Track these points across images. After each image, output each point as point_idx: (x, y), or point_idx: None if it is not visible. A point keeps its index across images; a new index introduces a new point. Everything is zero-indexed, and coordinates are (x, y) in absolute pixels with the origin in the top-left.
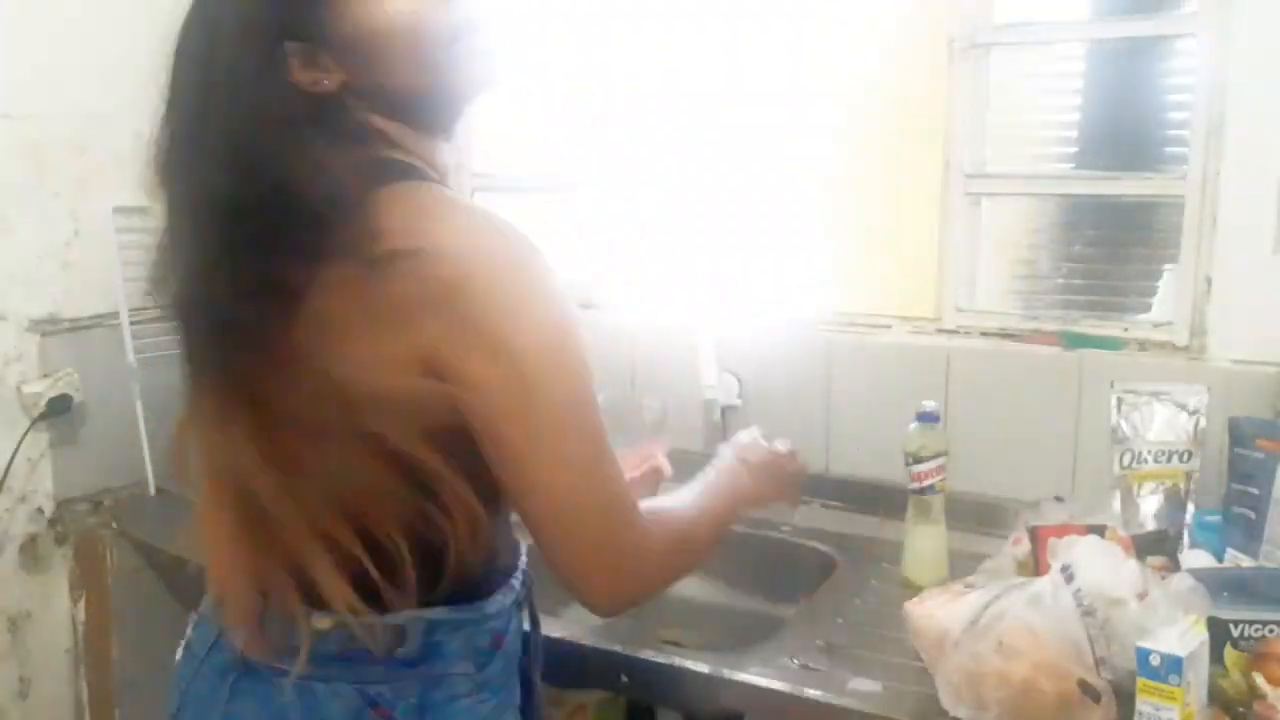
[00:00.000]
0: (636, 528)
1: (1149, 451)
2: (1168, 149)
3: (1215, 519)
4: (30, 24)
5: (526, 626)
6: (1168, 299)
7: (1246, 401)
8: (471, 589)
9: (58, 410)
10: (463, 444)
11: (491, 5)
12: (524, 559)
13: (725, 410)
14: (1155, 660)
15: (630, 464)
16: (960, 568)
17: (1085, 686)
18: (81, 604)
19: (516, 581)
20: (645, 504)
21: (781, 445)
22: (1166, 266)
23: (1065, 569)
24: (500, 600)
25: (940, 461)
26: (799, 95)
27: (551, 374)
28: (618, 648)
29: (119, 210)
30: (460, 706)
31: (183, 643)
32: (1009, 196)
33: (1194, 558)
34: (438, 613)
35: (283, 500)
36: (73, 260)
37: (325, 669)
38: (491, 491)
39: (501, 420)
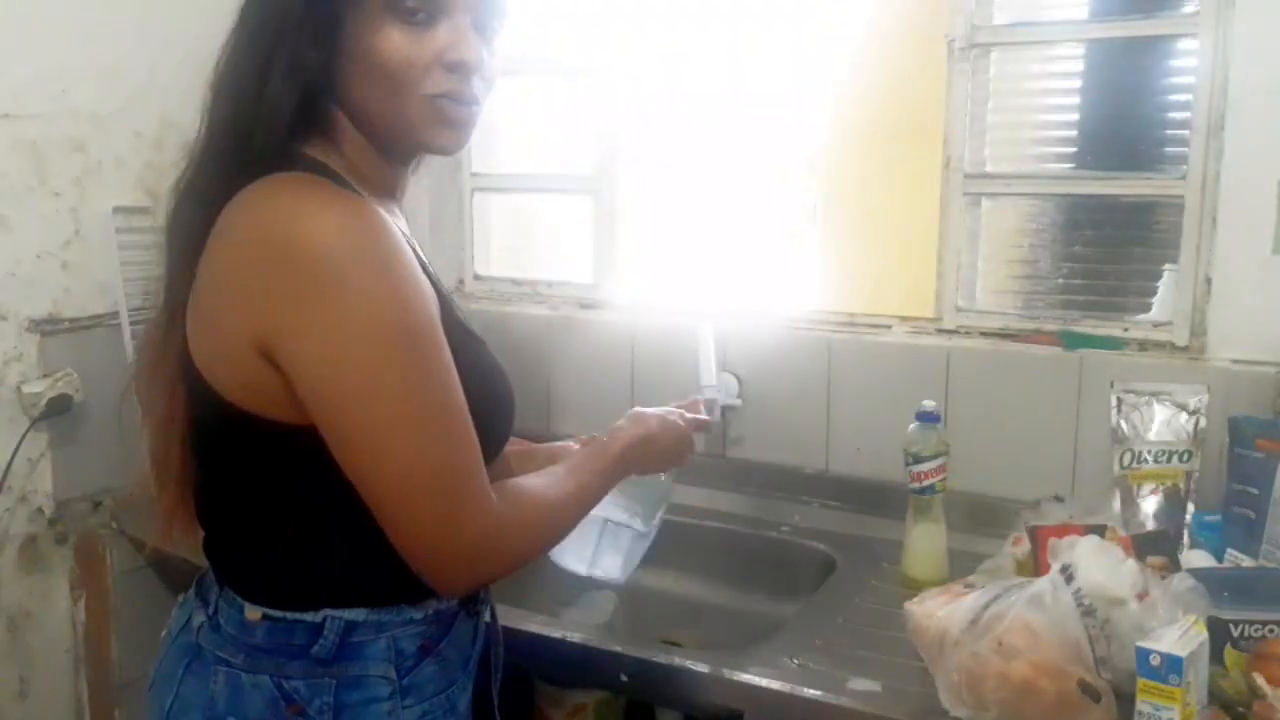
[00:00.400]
0: (483, 508)
1: (1149, 451)
2: (1168, 149)
3: (1215, 519)
4: (30, 24)
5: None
6: (1168, 299)
7: (1246, 401)
8: (391, 590)
9: (58, 410)
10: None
11: (475, 82)
12: None
13: (725, 410)
14: (1155, 660)
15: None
16: (960, 568)
17: (1085, 686)
18: (81, 604)
19: None
20: (510, 481)
21: (677, 407)
22: (1166, 266)
23: (1065, 569)
24: (433, 605)
25: (940, 461)
26: (799, 95)
27: (376, 354)
28: (618, 648)
29: (119, 210)
30: (379, 710)
31: (167, 625)
32: (1009, 196)
33: (1194, 558)
34: (357, 613)
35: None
36: (73, 260)
37: (253, 659)
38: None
39: (326, 404)
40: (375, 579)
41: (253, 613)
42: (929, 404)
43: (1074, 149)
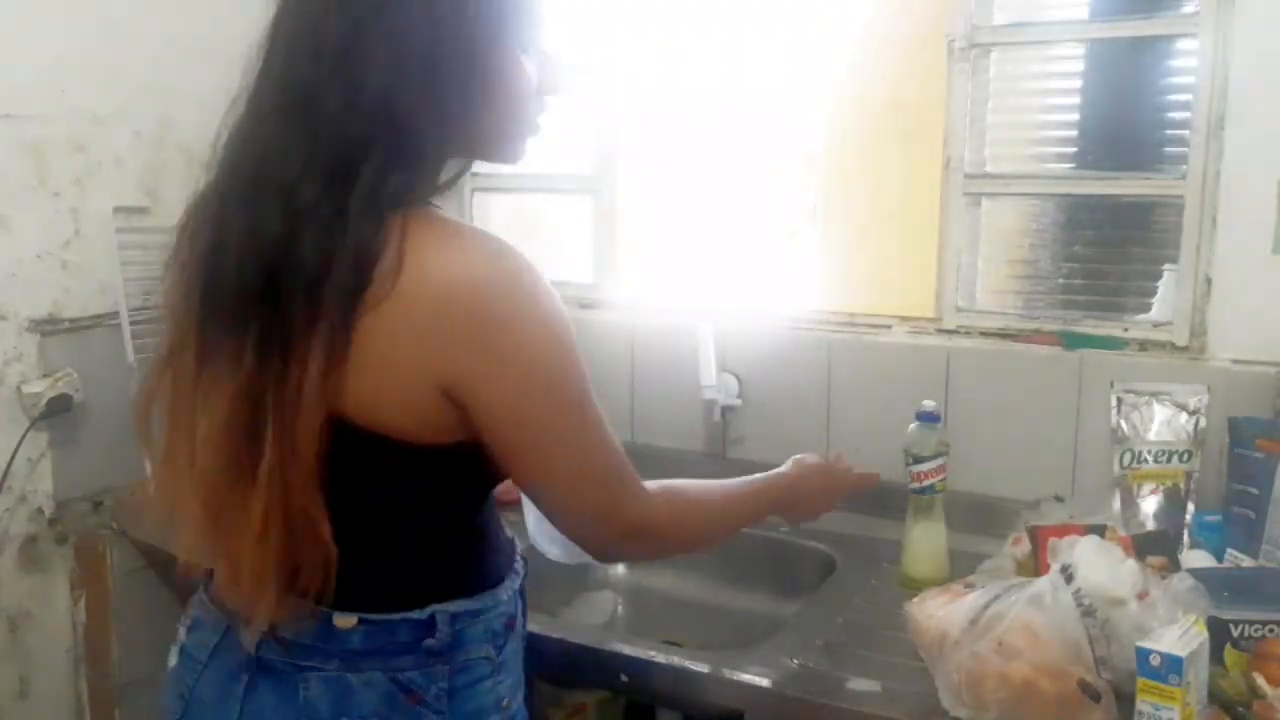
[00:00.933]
0: (638, 498)
1: (1149, 451)
2: (1168, 149)
3: (1215, 519)
4: (30, 24)
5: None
6: (1168, 299)
7: (1246, 401)
8: (483, 578)
9: (58, 410)
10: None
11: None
12: (520, 545)
13: (725, 410)
14: (1155, 660)
15: None
16: (960, 568)
17: (1085, 686)
18: (81, 604)
19: (520, 566)
20: (674, 481)
21: (837, 460)
22: (1166, 266)
23: (1065, 569)
24: (510, 586)
25: (940, 461)
26: (799, 95)
27: (552, 381)
28: (618, 648)
29: (119, 210)
30: (483, 688)
31: (175, 647)
32: (1009, 196)
33: (1194, 558)
34: (460, 604)
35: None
36: (73, 260)
37: (352, 662)
38: (478, 487)
39: (513, 428)
40: (473, 571)
41: (344, 620)
42: (929, 404)
43: (1074, 149)
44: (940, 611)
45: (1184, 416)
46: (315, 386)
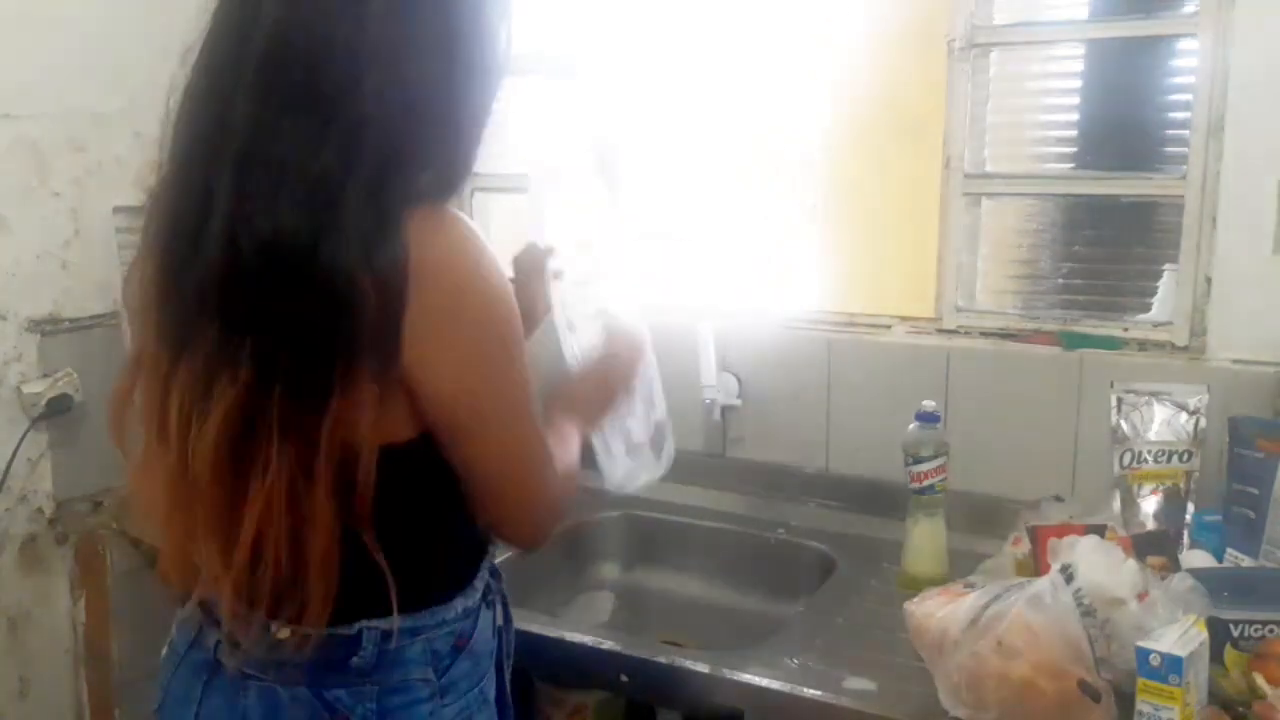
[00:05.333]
0: (554, 475)
1: (1149, 451)
2: (1168, 149)
3: (1215, 519)
4: (31, 24)
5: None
6: (1168, 299)
7: (1246, 401)
8: (423, 594)
9: (58, 410)
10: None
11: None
12: (489, 559)
13: (725, 410)
14: (1155, 660)
15: None
16: (960, 568)
17: (1085, 686)
18: (81, 604)
19: (480, 582)
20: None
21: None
22: (1166, 266)
23: (1065, 569)
24: (460, 603)
25: (940, 461)
26: (798, 95)
27: (499, 367)
28: (618, 648)
29: (119, 210)
30: (421, 712)
31: (168, 642)
32: (1009, 196)
33: (1194, 558)
34: (392, 621)
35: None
36: (73, 260)
37: (286, 673)
38: (434, 498)
39: (456, 405)
40: (408, 586)
41: (281, 630)
42: (929, 404)
43: (1074, 149)
44: (940, 611)
45: (1184, 416)
46: (367, 423)
